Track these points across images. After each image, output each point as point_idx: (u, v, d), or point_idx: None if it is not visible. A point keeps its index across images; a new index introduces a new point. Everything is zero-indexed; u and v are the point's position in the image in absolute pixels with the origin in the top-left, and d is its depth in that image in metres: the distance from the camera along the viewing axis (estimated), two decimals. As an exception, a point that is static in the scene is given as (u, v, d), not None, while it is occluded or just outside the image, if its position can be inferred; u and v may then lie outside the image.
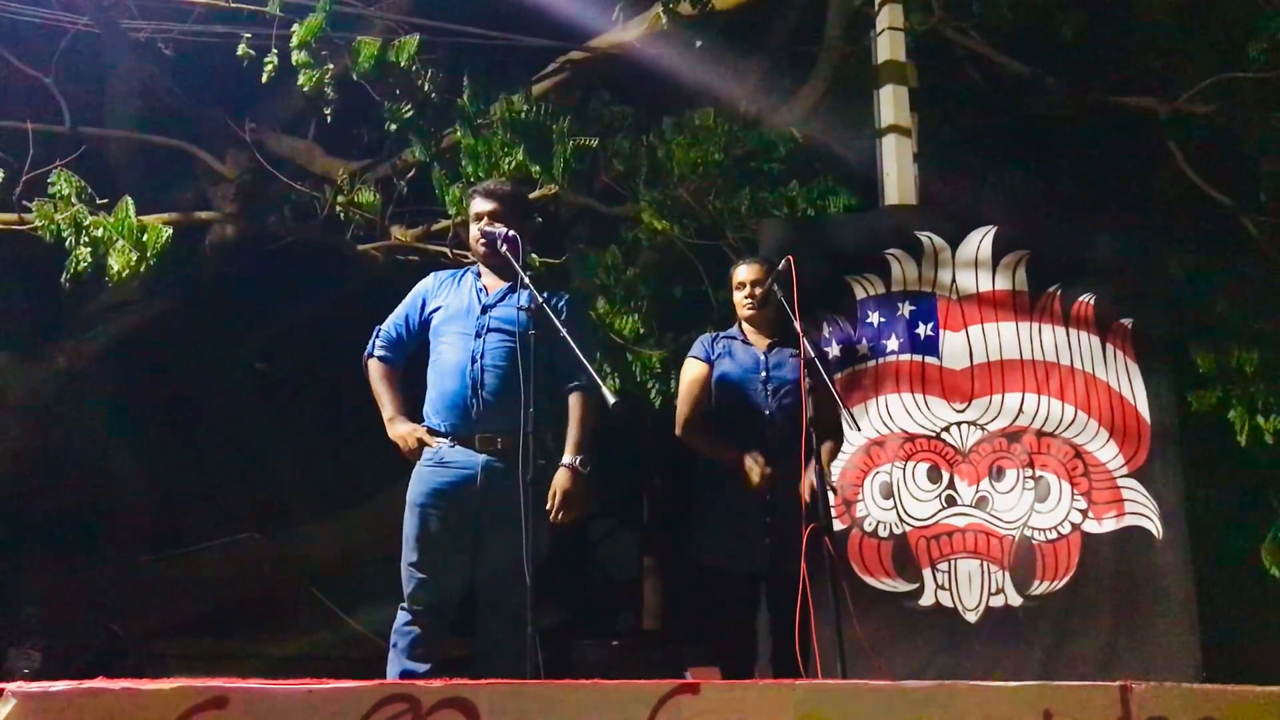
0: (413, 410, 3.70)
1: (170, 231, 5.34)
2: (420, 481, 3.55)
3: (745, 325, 4.18)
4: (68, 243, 5.17)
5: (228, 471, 7.80)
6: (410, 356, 3.80)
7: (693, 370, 4.16)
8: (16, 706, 1.86)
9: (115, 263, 5.15)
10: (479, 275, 3.77)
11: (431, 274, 3.90)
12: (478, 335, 3.58)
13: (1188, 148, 7.05)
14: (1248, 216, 6.90)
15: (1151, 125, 7.10)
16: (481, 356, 3.54)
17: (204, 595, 7.26)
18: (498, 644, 3.46)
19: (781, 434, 3.92)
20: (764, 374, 4.04)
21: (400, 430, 3.60)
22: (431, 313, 3.73)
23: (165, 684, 2.01)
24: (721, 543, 3.92)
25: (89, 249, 5.15)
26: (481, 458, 3.49)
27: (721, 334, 4.23)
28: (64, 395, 6.67)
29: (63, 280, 5.24)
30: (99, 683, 1.99)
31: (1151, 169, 7.34)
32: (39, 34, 5.94)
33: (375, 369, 3.73)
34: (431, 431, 3.58)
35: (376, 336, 3.77)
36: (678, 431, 4.12)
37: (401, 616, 3.50)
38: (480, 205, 3.74)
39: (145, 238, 5.22)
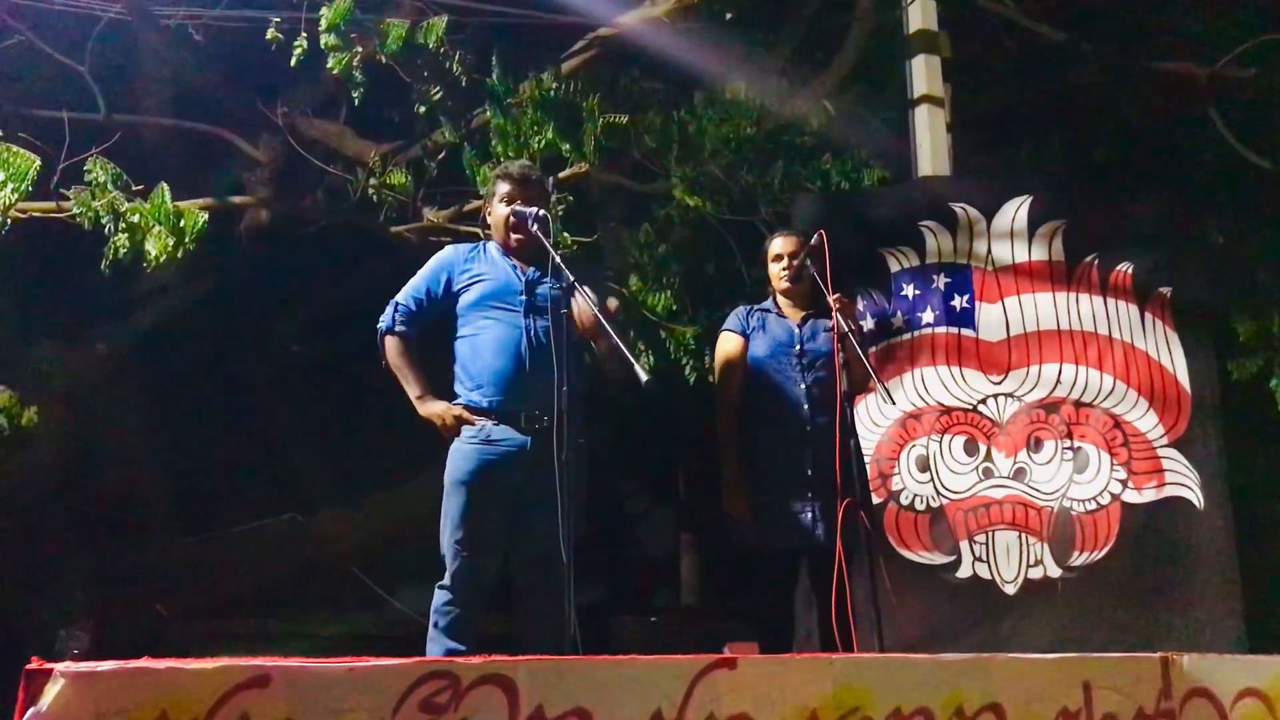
0: (436, 385, 3.65)
1: (206, 217, 5.36)
2: (464, 459, 3.52)
3: (780, 298, 4.17)
4: (106, 229, 5.21)
5: (268, 453, 7.88)
6: (427, 329, 3.73)
7: (729, 345, 4.15)
8: (65, 686, 1.90)
9: (153, 248, 5.18)
10: (506, 254, 3.74)
11: (450, 247, 3.85)
12: (526, 314, 3.57)
13: (1228, 113, 6.94)
14: (1290, 181, 6.79)
15: (1190, 90, 6.99)
16: (531, 336, 3.53)
17: (248, 576, 7.33)
18: (540, 621, 3.46)
19: (817, 406, 3.92)
20: (798, 347, 4.03)
21: (435, 408, 3.56)
22: (464, 287, 3.68)
23: (209, 663, 2.04)
24: (761, 519, 3.92)
25: (126, 235, 5.18)
26: (527, 436, 3.48)
27: (756, 307, 4.22)
28: (106, 381, 6.75)
29: (102, 267, 5.30)
30: (144, 662, 2.02)
31: (1191, 135, 7.23)
32: (72, 23, 5.98)
33: (394, 345, 3.66)
34: (470, 408, 3.55)
35: (395, 310, 3.69)
36: (717, 417, 4.11)
37: (441, 596, 3.48)
38: (507, 187, 3.74)
39: (182, 223, 5.25)
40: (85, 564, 6.62)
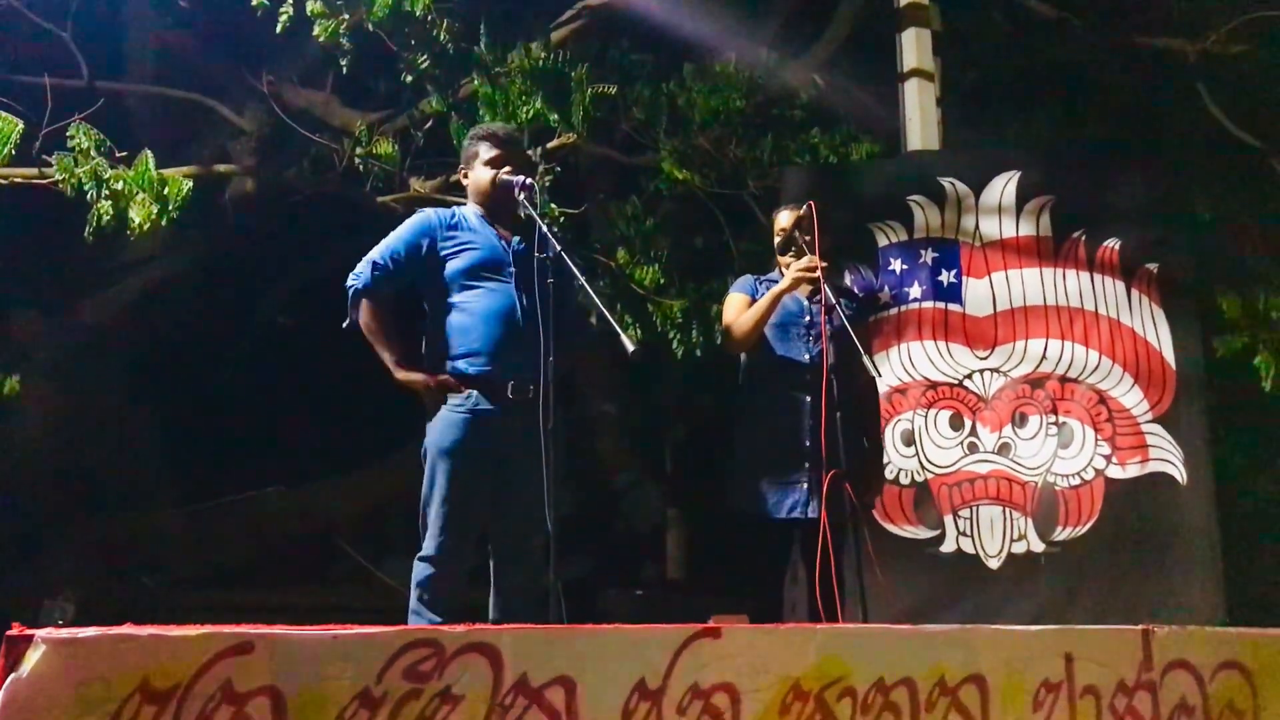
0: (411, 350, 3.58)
1: (190, 184, 5.32)
2: (450, 428, 3.44)
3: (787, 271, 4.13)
4: (89, 196, 5.17)
5: (254, 425, 7.86)
6: (399, 290, 3.62)
7: (738, 301, 4.08)
8: (46, 652, 1.88)
9: (136, 216, 5.14)
10: (487, 220, 3.65)
11: (430, 210, 3.73)
12: (516, 285, 3.51)
13: (1216, 89, 6.94)
14: (1277, 159, 6.80)
15: (1179, 66, 6.99)
16: (522, 306, 3.48)
17: (232, 548, 7.33)
18: (518, 593, 3.45)
19: (820, 378, 3.90)
20: (808, 319, 4.00)
21: (417, 376, 3.48)
22: (451, 254, 3.57)
23: (192, 630, 2.03)
24: (761, 490, 3.91)
25: (110, 202, 5.14)
26: (514, 406, 3.43)
27: (764, 277, 4.15)
28: (89, 350, 6.71)
29: (85, 234, 5.25)
30: (126, 629, 2.01)
31: (1179, 111, 7.23)
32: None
33: (368, 306, 3.53)
34: (457, 376, 3.48)
35: (372, 269, 3.54)
36: (730, 337, 4.03)
37: (421, 568, 3.41)
38: (493, 151, 3.66)
39: (166, 190, 5.22)
40: (70, 535, 6.61)
